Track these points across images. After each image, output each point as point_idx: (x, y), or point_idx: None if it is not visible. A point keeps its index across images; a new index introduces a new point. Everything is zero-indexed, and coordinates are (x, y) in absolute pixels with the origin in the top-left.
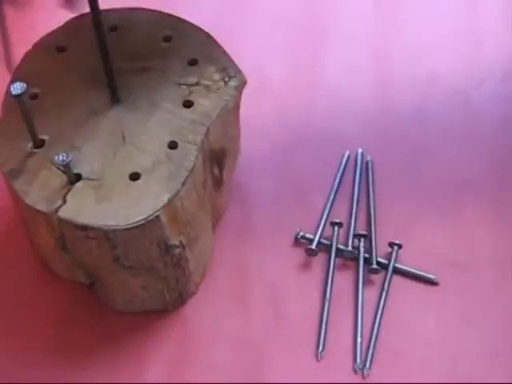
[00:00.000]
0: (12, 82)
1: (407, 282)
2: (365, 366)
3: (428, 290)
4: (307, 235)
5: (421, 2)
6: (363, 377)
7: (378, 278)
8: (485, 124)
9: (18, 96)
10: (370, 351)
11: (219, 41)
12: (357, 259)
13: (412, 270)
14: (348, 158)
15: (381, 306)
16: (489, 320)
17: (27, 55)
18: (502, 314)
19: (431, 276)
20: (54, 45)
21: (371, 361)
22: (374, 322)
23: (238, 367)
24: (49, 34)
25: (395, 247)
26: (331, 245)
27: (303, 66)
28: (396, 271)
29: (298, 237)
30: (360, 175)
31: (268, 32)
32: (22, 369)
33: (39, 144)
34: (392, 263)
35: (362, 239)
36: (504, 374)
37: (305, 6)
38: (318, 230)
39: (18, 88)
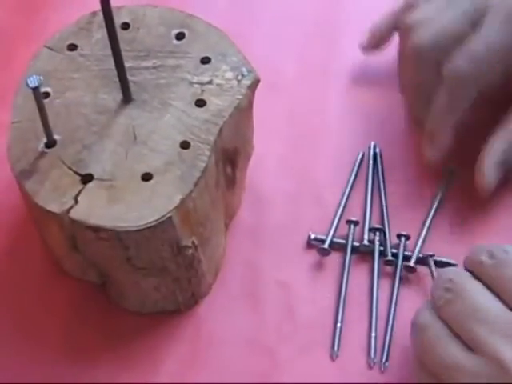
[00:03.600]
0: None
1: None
2: (382, 360)
3: None
4: (319, 236)
5: None
6: (381, 371)
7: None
8: None
9: (34, 88)
10: (386, 344)
11: (232, 39)
12: (372, 253)
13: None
14: (362, 156)
15: (394, 298)
16: None
17: (38, 54)
18: None
19: (451, 261)
20: (65, 43)
21: (388, 354)
22: (388, 315)
23: (251, 368)
24: (60, 32)
25: (403, 238)
26: (346, 243)
27: (317, 64)
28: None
29: (311, 238)
30: (373, 169)
31: (281, 30)
32: (33, 368)
33: (51, 143)
34: (401, 253)
35: (377, 233)
36: None
37: (318, 4)
38: (330, 229)
39: (34, 81)
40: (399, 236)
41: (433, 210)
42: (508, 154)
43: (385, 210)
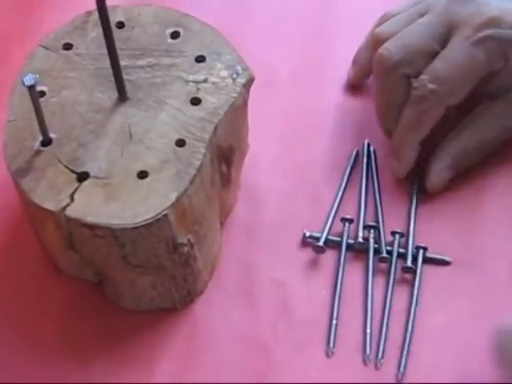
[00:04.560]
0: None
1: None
2: (377, 357)
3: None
4: (314, 234)
5: None
6: (376, 367)
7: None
8: None
9: (30, 87)
10: (382, 341)
11: (227, 37)
12: (366, 250)
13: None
14: (356, 154)
15: (389, 295)
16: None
17: (34, 53)
18: None
19: (446, 258)
20: (61, 42)
21: (383, 351)
22: (383, 312)
23: (247, 365)
24: (55, 32)
25: (397, 236)
26: (341, 241)
27: (311, 63)
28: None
29: (306, 236)
30: (367, 167)
31: (276, 29)
32: (29, 367)
33: (47, 141)
34: (395, 251)
35: (372, 230)
36: None
37: (313, 3)
38: (325, 227)
39: (30, 79)
40: (393, 233)
41: (414, 203)
42: (457, 159)
43: (379, 208)
